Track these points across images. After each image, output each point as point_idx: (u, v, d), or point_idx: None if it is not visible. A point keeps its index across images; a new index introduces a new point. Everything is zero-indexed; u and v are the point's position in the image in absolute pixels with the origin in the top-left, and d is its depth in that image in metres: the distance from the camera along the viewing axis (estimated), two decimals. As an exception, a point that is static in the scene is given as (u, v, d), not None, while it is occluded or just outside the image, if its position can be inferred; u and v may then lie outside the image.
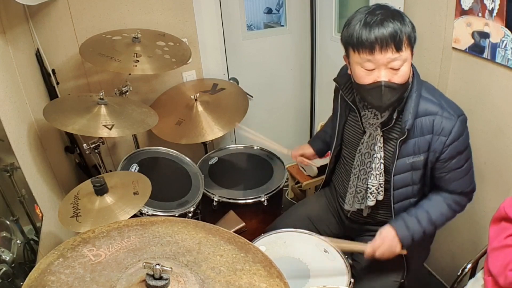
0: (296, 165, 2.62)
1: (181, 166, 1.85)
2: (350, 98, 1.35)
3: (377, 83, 1.13)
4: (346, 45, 1.18)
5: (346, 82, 1.35)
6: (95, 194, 1.31)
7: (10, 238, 1.12)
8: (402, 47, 1.10)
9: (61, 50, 1.91)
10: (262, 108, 2.68)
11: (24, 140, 1.43)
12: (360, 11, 1.16)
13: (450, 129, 1.20)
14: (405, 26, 1.10)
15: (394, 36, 1.08)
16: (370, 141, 1.30)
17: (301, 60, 2.66)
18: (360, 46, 1.12)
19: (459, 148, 1.23)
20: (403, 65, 1.13)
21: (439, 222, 1.31)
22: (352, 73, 1.21)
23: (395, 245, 1.27)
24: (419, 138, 1.23)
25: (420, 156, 1.25)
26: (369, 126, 1.29)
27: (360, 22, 1.12)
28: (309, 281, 1.28)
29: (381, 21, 1.09)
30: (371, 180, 1.32)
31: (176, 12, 2.07)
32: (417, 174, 1.29)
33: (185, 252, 0.78)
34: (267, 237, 1.45)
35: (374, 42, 1.09)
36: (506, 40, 1.32)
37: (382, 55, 1.10)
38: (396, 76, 1.13)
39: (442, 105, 1.22)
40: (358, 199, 1.39)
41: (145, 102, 2.06)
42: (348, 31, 1.15)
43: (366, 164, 1.33)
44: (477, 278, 1.29)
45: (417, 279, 1.55)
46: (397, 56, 1.10)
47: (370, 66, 1.13)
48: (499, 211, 1.15)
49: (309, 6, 2.48)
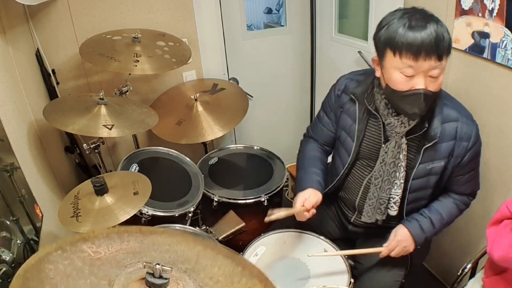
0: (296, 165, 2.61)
1: (181, 166, 1.85)
2: (372, 107, 1.28)
3: (416, 91, 1.10)
4: (385, 47, 1.12)
5: (365, 91, 1.30)
6: (95, 194, 1.31)
7: (10, 238, 1.12)
8: (444, 55, 1.08)
9: (61, 50, 1.91)
10: (262, 108, 2.68)
11: (24, 140, 1.43)
12: (398, 13, 1.11)
13: (470, 134, 1.22)
14: (446, 33, 1.08)
15: (438, 43, 1.05)
16: (396, 149, 1.26)
17: (301, 60, 2.66)
18: (405, 49, 1.07)
19: (477, 152, 1.27)
20: (441, 74, 1.11)
21: (450, 221, 1.35)
22: (386, 78, 1.16)
23: (409, 245, 1.30)
24: (442, 144, 1.23)
25: (440, 162, 1.25)
26: (395, 134, 1.25)
27: (404, 25, 1.06)
28: (309, 281, 1.28)
29: (425, 25, 1.05)
30: (394, 189, 1.31)
31: (176, 12, 2.07)
32: (434, 178, 1.29)
33: (184, 260, 0.78)
34: (267, 237, 1.45)
35: (421, 47, 1.05)
36: (506, 40, 1.32)
37: (425, 62, 1.06)
38: (433, 84, 1.11)
39: (460, 111, 1.24)
40: (380, 210, 1.36)
41: (145, 102, 2.06)
42: (389, 33, 1.09)
43: (391, 173, 1.30)
44: (477, 278, 1.30)
45: (417, 279, 1.55)
46: (438, 65, 1.08)
47: (410, 72, 1.09)
48: (500, 212, 1.15)
49: (309, 6, 2.48)
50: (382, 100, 1.24)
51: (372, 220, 1.39)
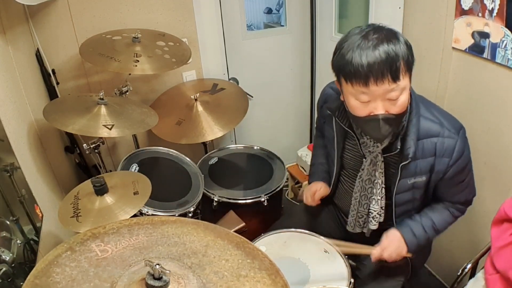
0: (296, 165, 2.62)
1: (181, 166, 1.85)
2: (346, 124, 1.27)
3: (374, 116, 1.06)
4: (338, 73, 1.10)
5: (339, 107, 1.26)
6: (95, 194, 1.31)
7: (10, 238, 1.12)
8: (400, 75, 1.01)
9: (61, 50, 1.91)
10: (262, 108, 2.68)
11: (24, 140, 1.43)
12: (350, 35, 1.06)
13: (452, 149, 1.16)
14: (401, 48, 1.01)
15: (390, 64, 0.99)
16: (371, 167, 1.25)
17: (301, 60, 2.66)
18: (353, 77, 1.02)
19: (462, 165, 1.20)
20: (401, 94, 1.04)
21: (442, 228, 1.32)
22: (346, 103, 1.13)
23: (402, 246, 1.28)
24: (421, 160, 1.18)
25: (422, 177, 1.22)
26: (369, 153, 1.24)
27: (352, 50, 1.01)
28: (309, 281, 1.28)
29: (374, 47, 0.99)
30: (372, 205, 1.30)
31: (176, 12, 2.07)
32: (419, 192, 1.27)
33: (191, 254, 0.78)
34: (267, 237, 1.45)
35: (369, 73, 0.99)
36: (506, 40, 1.32)
37: (377, 87, 1.01)
38: (394, 107, 1.05)
39: (442, 123, 1.17)
40: (359, 224, 1.36)
41: (145, 102, 2.06)
42: (339, 59, 1.06)
43: (367, 189, 1.29)
44: (477, 278, 1.29)
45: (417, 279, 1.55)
46: (394, 87, 1.02)
47: (365, 98, 1.04)
48: (500, 212, 1.15)
49: (309, 6, 2.48)
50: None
51: (355, 231, 1.39)
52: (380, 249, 1.27)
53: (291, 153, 2.64)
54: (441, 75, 1.62)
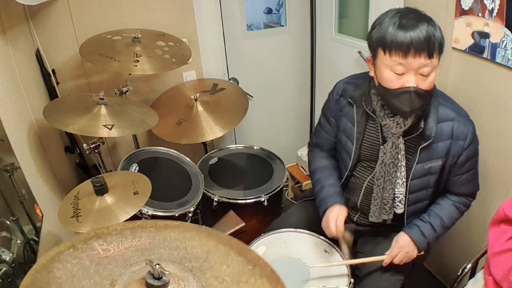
0: (296, 165, 2.62)
1: (181, 166, 1.85)
2: (370, 109, 1.31)
3: (406, 89, 1.12)
4: (377, 46, 1.15)
5: (363, 93, 1.32)
6: (95, 194, 1.31)
7: (10, 238, 1.12)
8: (434, 53, 1.10)
9: (61, 50, 1.91)
10: (262, 108, 2.68)
11: (24, 140, 1.43)
12: (390, 13, 1.14)
13: (466, 133, 1.24)
14: (438, 31, 1.10)
15: (428, 41, 1.07)
16: (394, 150, 1.28)
17: (301, 60, 2.66)
18: (394, 47, 1.09)
19: (473, 151, 1.28)
20: (432, 72, 1.12)
21: (450, 224, 1.35)
22: (378, 76, 1.19)
23: (412, 250, 1.30)
24: (438, 143, 1.24)
25: (438, 161, 1.26)
26: (391, 135, 1.27)
27: (394, 24, 1.09)
28: (309, 281, 1.28)
29: (416, 24, 1.08)
30: (397, 189, 1.32)
31: (176, 12, 2.07)
32: (433, 178, 1.30)
33: (192, 258, 0.78)
34: (267, 237, 1.45)
35: (410, 45, 1.07)
36: (506, 40, 1.32)
37: (415, 59, 1.09)
38: (424, 83, 1.13)
39: (458, 111, 1.25)
40: (385, 210, 1.37)
41: (145, 102, 2.06)
42: (380, 32, 1.12)
43: (392, 174, 1.31)
44: (477, 278, 1.29)
45: (417, 279, 1.55)
46: (428, 63, 1.10)
47: (401, 70, 1.11)
48: (498, 213, 1.15)
49: (309, 6, 2.48)
50: (378, 101, 1.26)
51: (380, 220, 1.40)
52: (390, 257, 1.30)
53: (291, 153, 2.64)
54: (441, 75, 1.62)
